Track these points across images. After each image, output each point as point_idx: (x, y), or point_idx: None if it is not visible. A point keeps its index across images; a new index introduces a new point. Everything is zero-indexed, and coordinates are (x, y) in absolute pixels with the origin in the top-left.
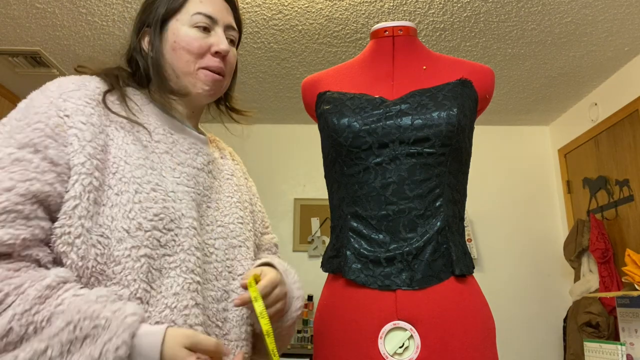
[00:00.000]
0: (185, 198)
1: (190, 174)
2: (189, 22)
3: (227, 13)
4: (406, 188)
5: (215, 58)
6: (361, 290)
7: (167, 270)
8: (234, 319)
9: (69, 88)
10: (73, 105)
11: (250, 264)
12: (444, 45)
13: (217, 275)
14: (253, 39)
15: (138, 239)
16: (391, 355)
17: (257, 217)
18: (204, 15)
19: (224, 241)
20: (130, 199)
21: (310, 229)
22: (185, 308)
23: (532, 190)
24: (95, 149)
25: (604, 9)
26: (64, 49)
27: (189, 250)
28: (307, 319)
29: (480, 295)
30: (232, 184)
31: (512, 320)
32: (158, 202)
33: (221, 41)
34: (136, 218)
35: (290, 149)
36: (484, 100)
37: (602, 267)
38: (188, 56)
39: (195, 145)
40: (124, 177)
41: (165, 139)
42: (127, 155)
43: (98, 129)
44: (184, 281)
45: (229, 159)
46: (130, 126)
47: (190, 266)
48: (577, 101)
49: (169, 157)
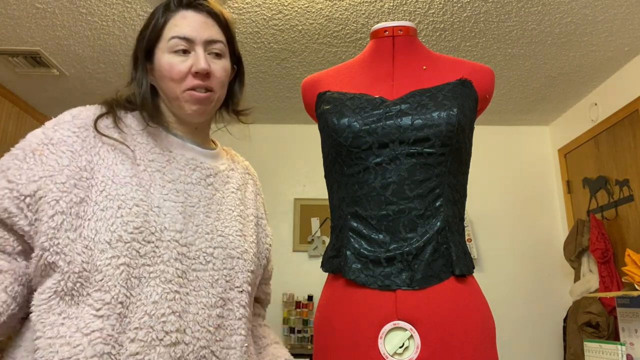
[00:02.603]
0: (171, 212)
1: (180, 190)
2: (168, 49)
3: (206, 28)
4: (406, 188)
5: (197, 78)
6: (361, 290)
7: (147, 279)
8: (229, 327)
9: (65, 119)
10: (60, 135)
11: (248, 276)
12: (444, 45)
13: (212, 283)
14: (253, 39)
15: (118, 249)
16: (391, 355)
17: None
18: (179, 38)
19: (222, 250)
20: (113, 214)
21: (310, 229)
22: (162, 315)
23: (532, 190)
24: (72, 170)
25: (604, 9)
26: (64, 49)
27: (168, 262)
28: (307, 319)
29: (480, 295)
30: (236, 197)
31: (512, 320)
32: (139, 216)
33: (200, 61)
34: (117, 231)
35: (290, 149)
36: (484, 100)
37: (602, 267)
38: (171, 83)
39: (194, 161)
40: (110, 195)
41: (160, 158)
42: (114, 175)
43: (78, 153)
44: (162, 290)
45: (240, 172)
46: (121, 146)
47: (168, 277)
48: (577, 101)
49: (160, 175)
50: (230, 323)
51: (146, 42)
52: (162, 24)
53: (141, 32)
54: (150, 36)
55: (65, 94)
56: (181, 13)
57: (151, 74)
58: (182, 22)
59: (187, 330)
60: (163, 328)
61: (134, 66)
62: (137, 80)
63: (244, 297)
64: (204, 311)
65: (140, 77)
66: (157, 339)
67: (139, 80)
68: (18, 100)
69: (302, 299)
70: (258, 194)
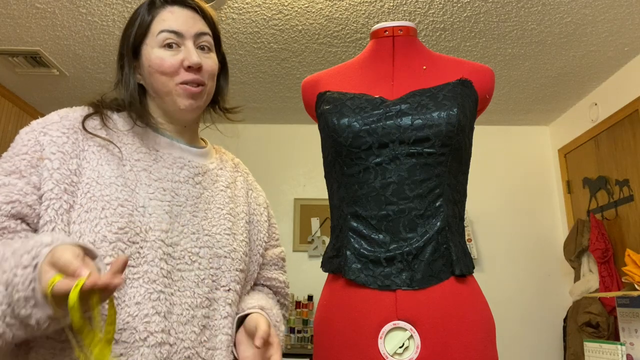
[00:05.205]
0: (157, 212)
1: (167, 188)
2: (157, 43)
3: (194, 21)
4: (406, 188)
5: (189, 72)
6: (361, 290)
7: (131, 280)
8: (214, 327)
9: (52, 120)
10: (49, 138)
11: (236, 275)
12: (444, 45)
13: (198, 282)
14: (253, 39)
15: (102, 249)
16: (391, 355)
17: (260, 229)
18: (168, 32)
19: (209, 250)
20: (97, 215)
21: (310, 229)
22: (146, 316)
23: (532, 190)
24: (63, 174)
25: (604, 9)
26: (64, 49)
27: (152, 262)
28: (307, 319)
29: (480, 295)
30: (225, 195)
31: (512, 320)
32: (124, 216)
33: (191, 55)
34: (101, 231)
35: (291, 149)
36: (484, 100)
37: (602, 267)
38: (163, 77)
39: (182, 159)
40: (94, 196)
41: (146, 157)
42: (99, 176)
43: (69, 155)
44: (145, 291)
45: (230, 170)
46: (108, 146)
47: (152, 277)
48: (577, 101)
49: (147, 174)
50: (215, 323)
51: (133, 39)
52: (149, 20)
53: (125, 30)
54: (137, 32)
55: (65, 94)
56: (168, 8)
57: (138, 73)
58: (170, 17)
59: (171, 331)
60: (146, 328)
61: (120, 66)
62: (124, 80)
63: (231, 295)
64: (188, 312)
65: (127, 76)
66: (140, 340)
67: (126, 79)
68: (18, 100)
69: (302, 299)
70: (250, 190)
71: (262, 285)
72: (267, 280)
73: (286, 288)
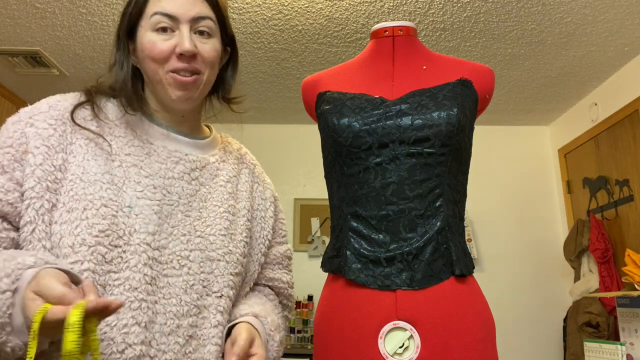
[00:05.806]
0: (144, 212)
1: (158, 186)
2: (150, 26)
3: (193, 4)
4: (406, 188)
5: (181, 60)
6: (361, 290)
7: (111, 287)
8: (202, 337)
9: (40, 109)
10: (34, 130)
11: (230, 280)
12: (444, 45)
13: (186, 289)
14: (253, 39)
15: (81, 254)
16: (391, 355)
17: (264, 225)
18: (162, 14)
19: (200, 253)
20: (78, 215)
21: (310, 229)
22: (124, 327)
23: (532, 190)
24: (45, 171)
25: (604, 9)
26: (64, 49)
27: (134, 267)
28: (307, 319)
29: (480, 295)
30: (225, 191)
31: (512, 320)
32: (107, 218)
33: (184, 40)
34: (81, 234)
35: (291, 149)
36: (484, 100)
37: (602, 267)
38: (153, 64)
39: (178, 153)
40: (76, 195)
41: (138, 151)
42: (84, 172)
43: (55, 150)
44: (126, 299)
45: (233, 162)
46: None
47: (134, 284)
48: (577, 101)
49: (137, 170)
50: (204, 332)
51: (128, 18)
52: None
53: (125, 8)
54: (132, 12)
55: None
56: None
57: (134, 55)
58: None
59: (152, 342)
60: (125, 340)
61: (117, 47)
62: (118, 62)
63: (223, 302)
64: (173, 321)
65: (121, 58)
66: (117, 352)
67: (120, 61)
68: (18, 100)
69: (302, 299)
70: (256, 183)
71: (264, 285)
72: (268, 281)
73: (289, 289)
